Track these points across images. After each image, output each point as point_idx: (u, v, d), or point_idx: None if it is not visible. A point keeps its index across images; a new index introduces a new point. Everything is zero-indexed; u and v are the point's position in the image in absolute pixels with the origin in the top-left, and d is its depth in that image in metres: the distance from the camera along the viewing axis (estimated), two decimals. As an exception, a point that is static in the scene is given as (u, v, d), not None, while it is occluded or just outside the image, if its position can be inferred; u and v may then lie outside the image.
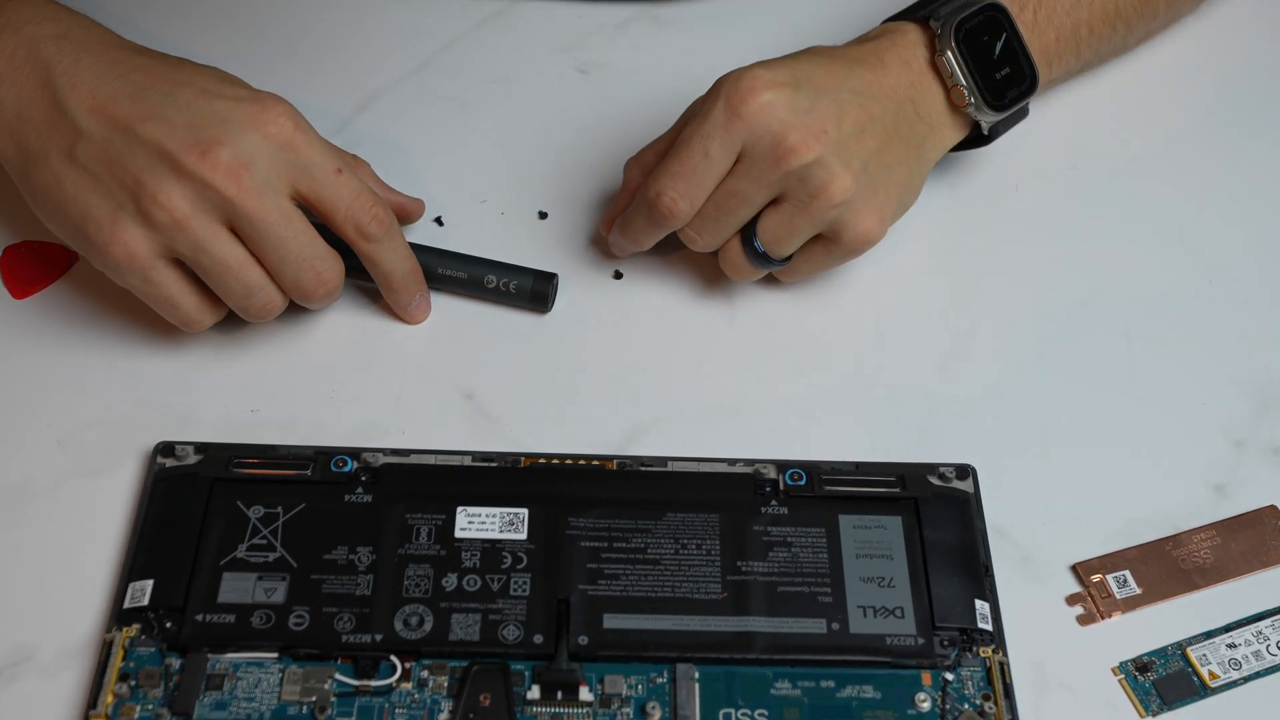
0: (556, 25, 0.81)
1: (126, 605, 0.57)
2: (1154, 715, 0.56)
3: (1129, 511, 0.62)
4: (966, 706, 0.56)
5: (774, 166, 0.61)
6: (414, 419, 0.65)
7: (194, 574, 0.57)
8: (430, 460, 0.62)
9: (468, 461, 0.62)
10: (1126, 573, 0.60)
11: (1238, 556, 0.61)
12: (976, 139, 0.69)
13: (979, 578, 0.59)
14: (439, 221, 0.72)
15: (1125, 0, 0.72)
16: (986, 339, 0.68)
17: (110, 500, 0.61)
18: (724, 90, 0.62)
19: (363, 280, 0.67)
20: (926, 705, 0.56)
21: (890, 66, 0.65)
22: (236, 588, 0.57)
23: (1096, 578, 0.60)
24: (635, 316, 0.69)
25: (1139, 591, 0.60)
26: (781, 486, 0.61)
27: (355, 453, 0.61)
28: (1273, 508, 0.62)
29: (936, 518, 0.60)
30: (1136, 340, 0.68)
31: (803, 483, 0.61)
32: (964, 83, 0.66)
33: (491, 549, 0.59)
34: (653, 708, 0.55)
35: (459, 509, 0.60)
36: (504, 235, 0.72)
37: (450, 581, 0.58)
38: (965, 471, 0.62)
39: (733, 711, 0.56)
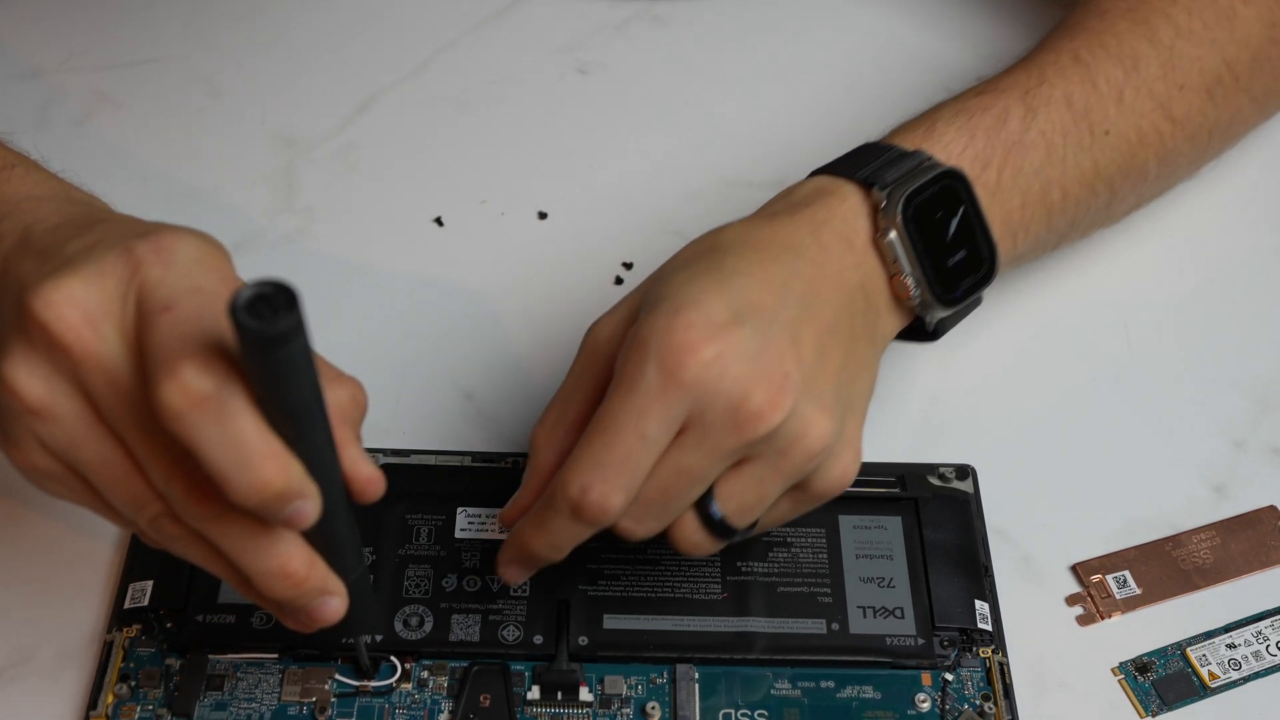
0: (556, 25, 0.81)
1: (127, 606, 0.57)
2: (1154, 715, 0.56)
3: (1129, 512, 0.62)
4: (966, 707, 0.56)
5: (735, 435, 0.49)
6: (414, 419, 0.65)
7: (194, 574, 0.57)
8: (430, 460, 0.62)
9: (468, 462, 0.62)
10: (1126, 573, 0.60)
11: (1237, 557, 0.61)
12: (918, 330, 0.57)
13: (979, 578, 0.59)
14: (439, 222, 0.72)
15: (1106, 158, 0.61)
16: (986, 339, 0.68)
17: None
18: (653, 349, 0.48)
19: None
20: (926, 706, 0.56)
21: (831, 249, 0.53)
22: (237, 588, 0.57)
23: (1096, 578, 0.60)
24: (635, 317, 0.69)
25: (1139, 592, 0.60)
26: (781, 487, 0.61)
27: (355, 453, 0.61)
28: (1272, 508, 0.62)
29: (936, 518, 0.60)
30: (1136, 340, 0.68)
31: (803, 483, 0.61)
32: (910, 272, 0.54)
33: (492, 550, 0.59)
34: (653, 708, 0.55)
35: (459, 509, 0.60)
36: (504, 235, 0.72)
37: (450, 582, 0.58)
38: (965, 472, 0.62)
39: (733, 712, 0.56)
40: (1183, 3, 0.64)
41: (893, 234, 0.53)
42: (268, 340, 0.39)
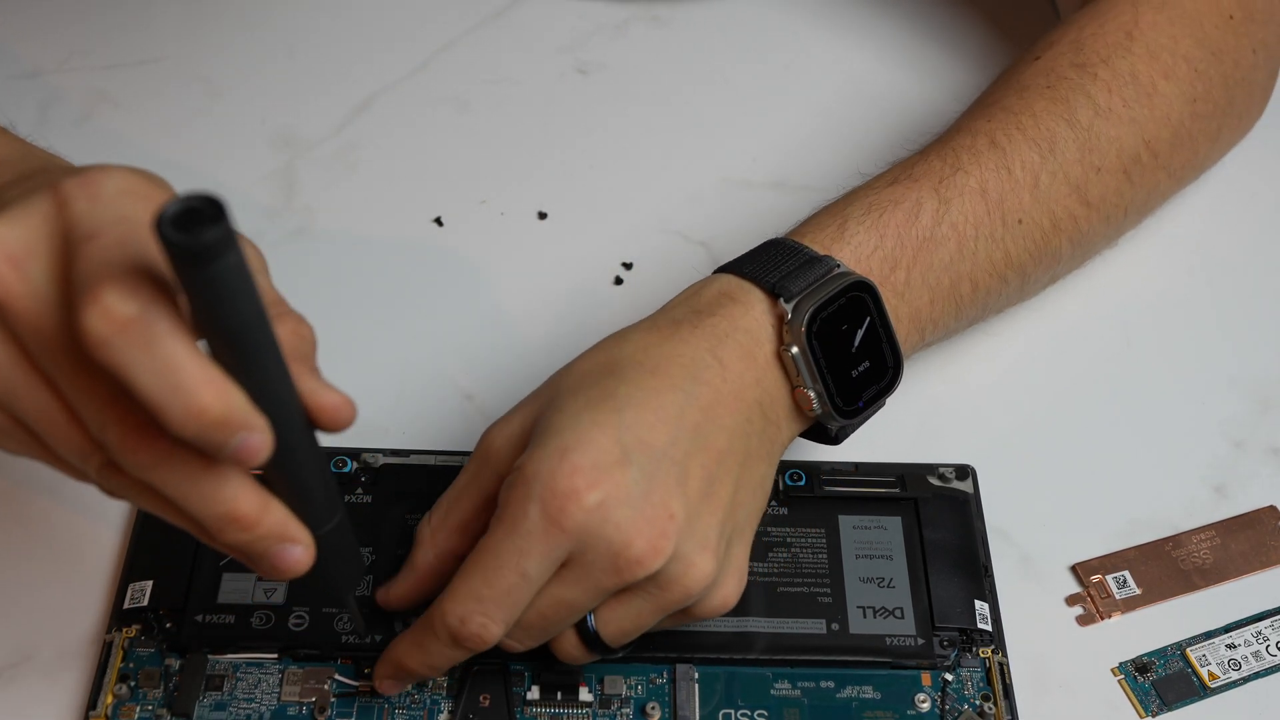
0: (556, 25, 0.81)
1: (126, 606, 0.57)
2: (1154, 716, 0.56)
3: (1129, 512, 0.62)
4: (966, 707, 0.56)
5: (615, 577, 0.50)
6: (414, 419, 0.65)
7: (194, 574, 0.57)
8: (430, 461, 0.62)
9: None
10: (1126, 573, 0.60)
11: (1237, 557, 0.61)
12: (820, 432, 0.57)
13: (979, 578, 0.59)
14: (439, 222, 0.72)
15: (1018, 247, 0.60)
16: (986, 339, 0.68)
17: (110, 500, 0.61)
18: (537, 492, 0.48)
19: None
20: (926, 706, 0.56)
21: (731, 367, 0.53)
22: (236, 588, 0.57)
23: (1096, 578, 0.60)
24: (634, 318, 0.69)
25: (1139, 592, 0.60)
26: (781, 487, 0.61)
27: (355, 453, 0.61)
28: (1272, 508, 0.62)
29: (936, 518, 0.60)
30: (1136, 340, 0.68)
31: (802, 483, 0.61)
32: (811, 386, 0.54)
33: (491, 549, 0.59)
34: (652, 708, 0.55)
35: (459, 509, 0.60)
36: (504, 235, 0.72)
37: (450, 582, 0.58)
38: (965, 472, 0.62)
39: (732, 712, 0.56)
40: (1103, 79, 0.62)
41: (795, 349, 0.53)
42: (194, 254, 0.37)
